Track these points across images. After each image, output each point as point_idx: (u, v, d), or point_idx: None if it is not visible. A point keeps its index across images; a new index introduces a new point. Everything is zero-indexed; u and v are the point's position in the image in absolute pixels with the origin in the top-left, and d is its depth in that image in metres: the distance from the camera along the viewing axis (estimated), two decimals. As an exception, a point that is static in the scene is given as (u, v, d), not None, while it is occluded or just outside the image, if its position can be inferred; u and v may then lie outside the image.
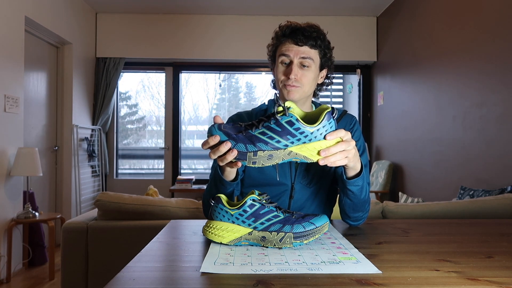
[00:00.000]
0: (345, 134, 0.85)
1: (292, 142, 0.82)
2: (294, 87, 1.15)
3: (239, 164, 0.86)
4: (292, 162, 1.20)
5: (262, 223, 0.86)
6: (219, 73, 5.15)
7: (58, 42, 3.92)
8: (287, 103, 0.82)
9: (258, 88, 5.61)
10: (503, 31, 2.45)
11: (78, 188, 4.11)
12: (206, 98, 5.48)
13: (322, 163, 0.84)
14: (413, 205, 1.78)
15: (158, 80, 5.24)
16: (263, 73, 5.14)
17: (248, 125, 0.85)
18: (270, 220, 0.86)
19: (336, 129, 0.84)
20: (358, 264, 0.73)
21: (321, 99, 5.30)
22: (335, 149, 0.84)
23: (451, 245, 0.89)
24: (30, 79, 3.50)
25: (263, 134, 0.82)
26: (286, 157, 0.83)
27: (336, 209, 1.31)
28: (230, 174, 1.02)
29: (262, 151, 0.82)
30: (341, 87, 5.62)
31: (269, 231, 0.85)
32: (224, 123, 0.87)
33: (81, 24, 4.24)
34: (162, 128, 5.09)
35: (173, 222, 1.15)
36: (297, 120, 0.81)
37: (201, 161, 5.46)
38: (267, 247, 0.86)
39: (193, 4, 4.38)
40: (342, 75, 5.46)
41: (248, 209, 0.86)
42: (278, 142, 0.81)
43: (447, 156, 3.09)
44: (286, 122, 0.81)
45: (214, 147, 0.84)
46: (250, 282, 0.64)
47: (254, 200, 0.87)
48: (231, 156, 0.83)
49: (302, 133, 0.81)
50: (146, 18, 4.68)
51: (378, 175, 4.22)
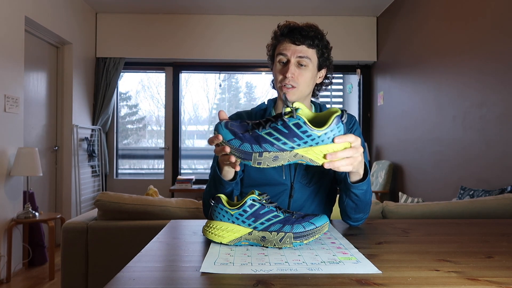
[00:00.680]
0: (354, 139, 0.84)
1: (298, 145, 0.81)
2: (291, 89, 1.15)
3: (238, 167, 0.87)
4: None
5: (262, 223, 0.86)
6: (219, 73, 5.15)
7: (58, 42, 3.92)
8: (296, 104, 0.81)
9: (258, 88, 5.61)
10: (503, 31, 2.45)
11: (78, 188, 4.11)
12: (206, 98, 5.48)
13: (327, 167, 0.83)
14: (413, 205, 1.78)
15: (158, 80, 5.24)
16: (263, 73, 5.14)
17: (255, 124, 0.85)
18: (270, 220, 0.86)
19: (345, 133, 0.83)
20: (358, 264, 0.73)
21: (321, 99, 5.30)
22: (342, 154, 0.83)
23: (451, 245, 0.89)
24: (30, 79, 3.50)
25: (270, 135, 0.81)
26: (292, 158, 0.82)
27: (336, 209, 1.31)
28: (229, 174, 1.02)
29: (267, 152, 0.81)
30: (341, 87, 5.62)
31: (269, 231, 0.85)
32: (231, 121, 0.87)
33: (81, 24, 4.24)
34: (162, 128, 5.09)
35: (173, 222, 1.15)
36: (304, 123, 0.79)
37: (201, 161, 5.46)
38: (267, 247, 0.86)
39: (193, 4, 4.38)
40: (342, 75, 5.46)
41: (248, 209, 0.86)
42: (285, 144, 0.81)
43: (447, 156, 3.09)
44: (294, 124, 0.80)
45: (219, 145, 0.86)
46: (250, 282, 0.64)
47: (254, 200, 0.87)
48: (232, 158, 0.84)
49: (309, 136, 0.80)
50: (146, 18, 4.68)
51: (378, 175, 4.23)
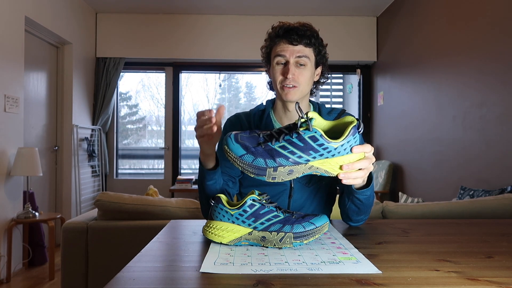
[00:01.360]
0: (370, 149, 0.85)
1: (314, 157, 0.79)
2: (292, 89, 1.15)
3: (213, 129, 0.91)
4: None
5: (262, 223, 0.86)
6: (219, 73, 5.15)
7: (58, 42, 3.92)
8: (310, 114, 0.78)
9: (258, 88, 5.61)
10: (503, 31, 2.45)
11: (78, 188, 4.10)
12: (206, 98, 5.48)
13: (341, 177, 0.83)
14: (413, 205, 1.78)
15: (158, 80, 5.24)
16: (263, 73, 5.14)
17: (266, 135, 0.82)
18: (270, 220, 0.86)
19: (361, 143, 0.82)
20: (358, 264, 0.73)
21: (321, 99, 5.30)
22: (358, 165, 0.83)
23: (451, 245, 0.89)
24: (30, 79, 3.50)
25: (284, 148, 0.79)
26: (307, 171, 0.81)
27: (336, 209, 1.31)
28: (209, 161, 1.05)
29: (282, 167, 0.79)
30: (341, 87, 5.62)
31: (269, 231, 0.85)
32: (240, 133, 0.84)
33: (81, 24, 4.24)
34: (162, 128, 5.09)
35: (173, 222, 1.15)
36: (321, 136, 0.77)
37: (201, 161, 5.45)
38: (267, 247, 0.86)
39: (193, 4, 4.38)
40: (342, 75, 5.46)
41: (248, 209, 0.86)
42: (300, 157, 0.79)
43: (447, 156, 3.09)
44: (310, 137, 0.77)
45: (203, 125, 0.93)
46: (250, 282, 0.64)
47: (254, 200, 0.87)
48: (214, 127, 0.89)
49: (325, 148, 0.78)
50: (146, 18, 4.68)
51: (378, 175, 4.23)
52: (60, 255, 1.86)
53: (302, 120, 0.78)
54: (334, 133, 0.82)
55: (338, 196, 1.23)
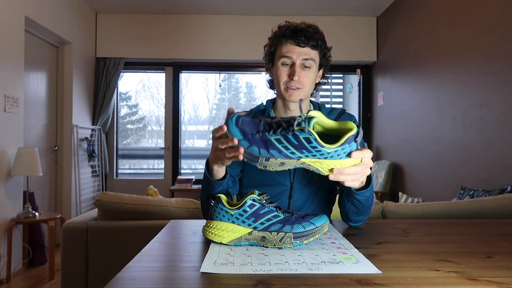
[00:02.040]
0: (369, 155, 0.84)
1: (306, 156, 0.81)
2: (296, 90, 1.15)
3: (239, 157, 0.85)
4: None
5: (262, 223, 0.86)
6: (219, 73, 5.15)
7: (58, 42, 3.92)
8: (312, 113, 0.79)
9: (258, 88, 5.61)
10: (503, 31, 2.45)
11: (78, 188, 4.10)
12: (206, 98, 5.48)
13: (332, 179, 0.84)
14: (413, 205, 1.78)
15: (158, 80, 5.24)
16: (263, 73, 5.14)
17: (267, 123, 0.83)
18: (270, 220, 0.86)
19: (362, 146, 0.82)
20: (358, 264, 0.73)
21: (321, 99, 5.31)
22: (349, 171, 0.83)
23: (451, 245, 0.89)
24: (30, 79, 3.50)
25: (279, 142, 0.80)
26: (298, 165, 0.82)
27: (336, 209, 1.31)
28: (218, 173, 1.02)
29: (274, 158, 0.81)
30: (341, 87, 5.63)
31: (269, 231, 0.85)
32: (243, 116, 0.84)
33: (81, 24, 4.24)
34: (162, 128, 5.09)
35: (173, 222, 1.15)
36: (315, 139, 0.78)
37: (201, 161, 5.46)
38: (267, 247, 0.86)
39: (193, 4, 4.38)
40: (342, 75, 5.46)
41: (248, 209, 0.86)
42: (293, 153, 0.81)
43: (447, 156, 3.09)
44: (304, 138, 0.78)
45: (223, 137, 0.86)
46: (250, 282, 0.64)
47: (254, 200, 0.87)
48: (241, 149, 0.83)
49: (318, 151, 0.79)
50: (146, 18, 4.68)
51: (378, 175, 4.23)
52: (60, 255, 1.86)
53: (300, 119, 0.79)
54: (337, 133, 0.82)
55: (338, 196, 1.23)
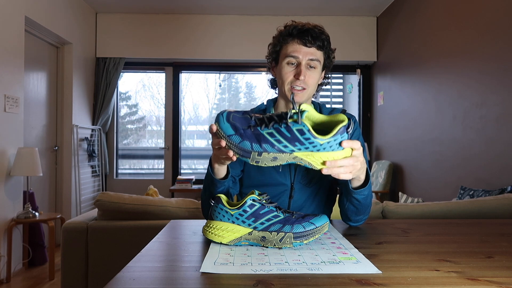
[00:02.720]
0: (358, 147, 0.83)
1: (299, 149, 0.80)
2: (301, 91, 1.15)
3: (234, 158, 0.84)
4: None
5: (262, 223, 0.86)
6: (219, 73, 5.15)
7: (58, 42, 3.92)
8: (303, 106, 0.79)
9: (258, 88, 5.61)
10: (503, 31, 2.45)
11: (78, 188, 4.10)
12: (206, 98, 5.48)
13: (325, 172, 0.82)
14: (413, 205, 1.78)
15: (158, 80, 5.24)
16: (263, 73, 5.14)
17: (258, 119, 0.83)
18: (270, 220, 0.86)
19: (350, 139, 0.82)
20: (358, 264, 0.73)
21: (321, 99, 5.30)
22: (341, 163, 0.82)
23: (451, 245, 0.89)
24: (30, 79, 3.50)
25: (271, 135, 0.80)
26: (291, 160, 0.82)
27: (336, 209, 1.31)
28: (220, 172, 1.02)
29: (267, 153, 0.80)
30: (341, 87, 5.62)
31: (269, 231, 0.85)
32: (233, 112, 0.84)
33: (81, 24, 4.24)
34: (162, 128, 5.09)
35: (173, 222, 1.15)
36: (308, 130, 0.78)
37: (201, 161, 5.46)
38: (267, 247, 0.86)
39: (193, 4, 4.38)
40: (342, 75, 5.46)
41: (248, 209, 0.86)
42: (285, 146, 0.80)
43: (447, 156, 3.09)
44: (297, 130, 0.78)
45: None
46: (250, 282, 0.64)
47: (254, 200, 0.87)
48: (230, 152, 0.83)
49: (311, 143, 0.79)
50: (146, 18, 4.68)
51: (378, 175, 4.23)
52: (60, 255, 1.86)
53: (293, 111, 0.79)
54: (327, 127, 0.82)
55: (338, 196, 1.23)
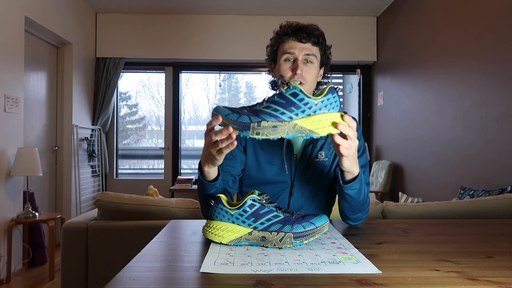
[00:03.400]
0: (353, 133, 0.88)
1: (296, 114, 0.81)
2: (299, 85, 1.16)
3: (232, 135, 0.85)
4: (292, 160, 1.20)
5: (262, 223, 0.86)
6: (219, 73, 5.15)
7: (58, 42, 3.92)
8: (292, 83, 0.83)
9: (258, 88, 5.61)
10: (503, 31, 2.45)
11: (78, 188, 4.10)
12: (206, 98, 5.49)
13: (340, 129, 0.84)
14: (413, 205, 1.78)
15: (158, 80, 5.24)
16: (263, 73, 5.14)
17: (253, 105, 0.86)
18: (270, 220, 0.86)
19: (340, 106, 0.86)
20: (358, 264, 0.73)
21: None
22: (346, 128, 0.86)
23: (451, 245, 0.89)
24: (30, 79, 3.50)
25: (268, 107, 0.82)
26: (291, 131, 0.82)
27: (336, 209, 1.31)
28: (210, 174, 1.02)
29: (266, 122, 0.81)
30: (341, 87, 5.62)
31: (269, 231, 0.85)
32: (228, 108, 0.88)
33: (81, 24, 4.24)
34: (162, 128, 5.09)
35: (173, 222, 1.15)
36: (301, 91, 0.81)
37: (201, 161, 5.45)
38: (267, 247, 0.86)
39: (193, 4, 4.38)
40: (342, 75, 5.45)
41: (248, 209, 0.86)
42: (283, 114, 0.81)
43: (447, 156, 3.09)
44: (290, 94, 0.81)
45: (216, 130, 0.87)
46: (250, 282, 0.64)
47: (254, 200, 0.87)
48: (228, 141, 0.85)
49: (306, 104, 0.81)
50: (146, 18, 4.68)
51: (378, 175, 4.23)
52: (60, 255, 1.86)
53: (285, 85, 0.83)
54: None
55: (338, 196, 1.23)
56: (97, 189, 4.65)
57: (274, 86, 1.30)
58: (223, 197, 0.90)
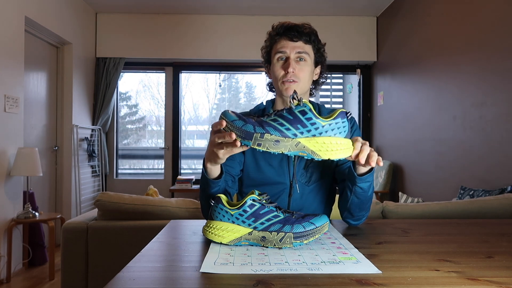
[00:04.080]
0: (366, 150, 0.90)
1: (302, 133, 0.81)
2: (292, 83, 1.17)
3: (235, 142, 0.84)
4: (290, 160, 1.20)
5: (262, 223, 0.86)
6: (219, 73, 5.15)
7: (58, 42, 3.92)
8: (304, 101, 0.83)
9: (258, 88, 5.61)
10: (503, 31, 2.45)
11: (78, 188, 4.10)
12: (206, 98, 5.48)
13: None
14: (413, 205, 1.78)
15: (158, 80, 5.24)
16: (263, 73, 5.12)
17: (257, 116, 0.86)
18: (270, 220, 0.86)
19: (348, 131, 0.85)
20: (358, 264, 0.73)
21: (321, 99, 5.31)
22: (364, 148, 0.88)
23: (451, 245, 0.89)
24: (30, 79, 3.50)
25: (274, 121, 0.82)
26: (293, 148, 0.81)
27: (336, 208, 1.31)
28: (213, 172, 1.03)
29: (269, 134, 0.81)
30: (341, 87, 5.62)
31: (269, 231, 0.85)
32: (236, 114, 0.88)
33: (81, 24, 4.24)
34: (162, 128, 5.09)
35: (173, 222, 1.15)
36: (310, 110, 0.80)
37: (201, 161, 5.42)
38: (267, 247, 0.86)
39: (193, 4, 4.38)
40: (342, 75, 5.45)
41: (248, 209, 0.86)
42: (288, 129, 0.81)
43: (447, 156, 3.09)
44: (299, 112, 0.81)
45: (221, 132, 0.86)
46: (250, 282, 0.64)
47: (254, 200, 0.87)
48: (232, 144, 0.84)
49: (313, 124, 0.80)
50: (146, 18, 4.68)
51: (378, 175, 4.23)
52: (60, 255, 1.86)
53: (296, 101, 0.82)
54: None
55: (337, 196, 1.23)
56: (97, 189, 4.65)
57: (272, 87, 1.31)
58: (223, 197, 0.90)
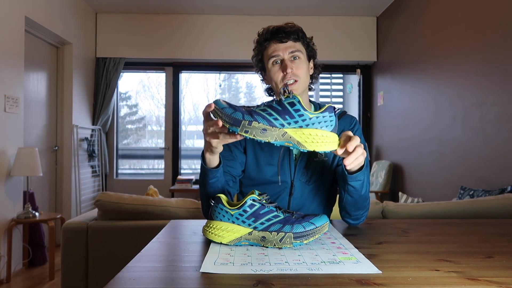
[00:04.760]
0: (355, 141, 0.87)
1: (289, 123, 0.82)
2: (294, 83, 1.17)
3: (222, 129, 0.87)
4: (291, 159, 1.21)
5: (262, 223, 0.86)
6: (219, 73, 5.15)
7: (58, 42, 3.92)
8: (293, 94, 0.85)
9: (258, 88, 5.61)
10: (503, 32, 2.45)
11: (78, 188, 4.10)
12: (206, 98, 5.48)
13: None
14: (413, 205, 1.78)
15: (158, 80, 5.24)
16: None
17: (251, 107, 0.88)
18: (270, 220, 0.86)
19: (336, 127, 0.85)
20: (358, 264, 0.73)
21: (321, 99, 5.31)
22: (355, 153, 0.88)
23: (451, 245, 0.89)
24: (30, 79, 3.50)
25: (263, 110, 0.84)
26: (280, 138, 0.83)
27: (336, 209, 1.31)
28: (212, 162, 1.04)
29: (257, 123, 0.82)
30: (341, 87, 5.62)
31: (269, 231, 0.85)
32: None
33: (81, 24, 4.24)
34: (162, 128, 5.09)
35: (173, 222, 1.15)
36: (299, 102, 0.82)
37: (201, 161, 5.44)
38: (267, 247, 0.86)
39: (193, 4, 4.38)
40: (342, 75, 5.45)
41: (248, 209, 0.86)
42: (276, 119, 0.82)
43: (447, 156, 3.09)
44: (288, 103, 0.83)
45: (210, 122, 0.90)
46: (250, 282, 0.64)
47: (254, 200, 0.87)
48: (216, 123, 0.85)
49: (301, 115, 0.82)
50: (146, 18, 4.68)
51: (378, 175, 4.22)
52: (60, 255, 1.86)
53: (286, 93, 0.84)
54: None
55: (338, 196, 1.23)
56: (97, 189, 4.65)
57: (270, 92, 1.31)
58: (223, 197, 0.90)
